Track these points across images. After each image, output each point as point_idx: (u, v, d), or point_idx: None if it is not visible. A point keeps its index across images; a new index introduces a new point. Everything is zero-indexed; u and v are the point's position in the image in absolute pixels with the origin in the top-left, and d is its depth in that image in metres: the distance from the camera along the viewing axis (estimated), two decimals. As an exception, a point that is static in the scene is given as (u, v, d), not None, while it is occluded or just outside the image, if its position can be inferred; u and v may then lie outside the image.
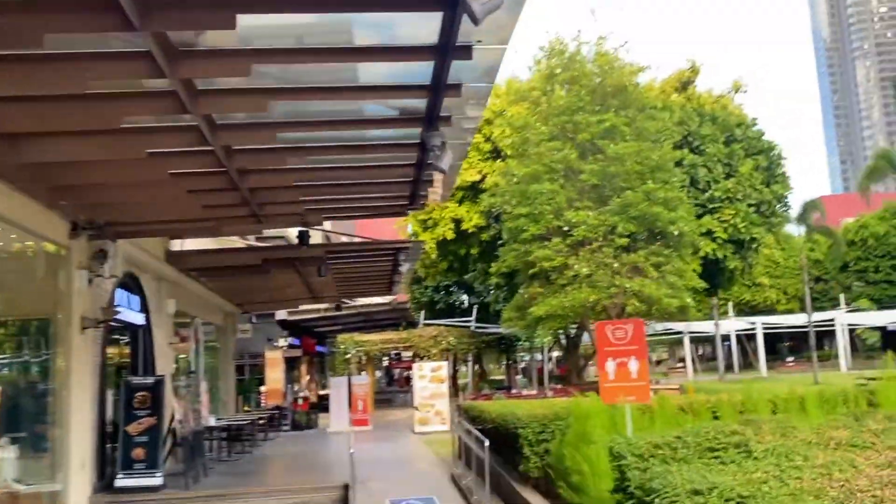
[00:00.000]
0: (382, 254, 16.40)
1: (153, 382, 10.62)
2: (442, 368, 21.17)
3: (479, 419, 11.07)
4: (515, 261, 17.87)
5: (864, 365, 40.81)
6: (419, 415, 20.51)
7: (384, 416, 27.48)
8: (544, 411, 8.41)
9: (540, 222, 16.82)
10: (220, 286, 17.68)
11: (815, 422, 5.59)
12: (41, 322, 9.71)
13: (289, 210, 10.52)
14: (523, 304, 18.03)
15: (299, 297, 20.80)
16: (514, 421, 8.43)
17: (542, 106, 18.64)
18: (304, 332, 32.07)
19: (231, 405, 21.22)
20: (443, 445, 16.31)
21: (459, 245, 29.08)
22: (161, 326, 14.00)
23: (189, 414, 11.42)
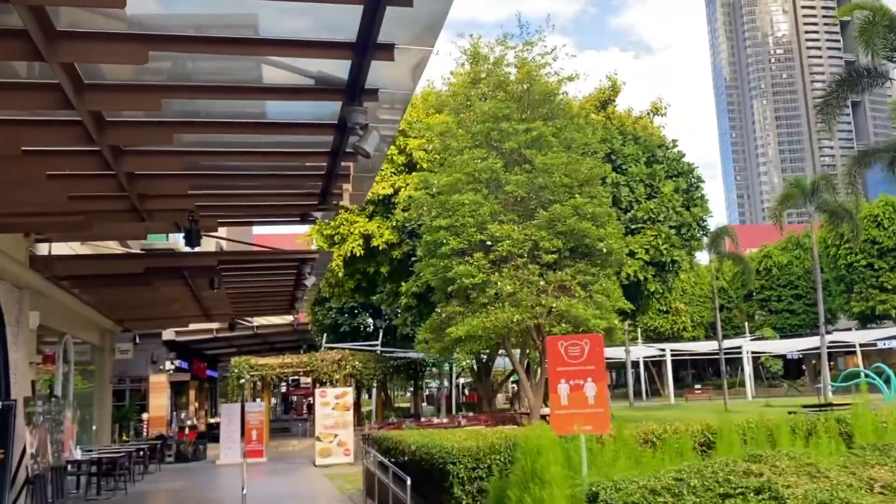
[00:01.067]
0: (285, 266, 14.85)
1: (2, 408, 8.68)
2: (347, 395, 19.63)
3: (394, 451, 9.75)
4: (433, 277, 16.67)
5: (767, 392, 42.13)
6: (320, 445, 18.85)
7: (281, 447, 25.48)
8: (477, 443, 7.23)
9: (461, 235, 15.75)
10: (97, 299, 15.54)
11: (817, 454, 4.72)
12: None
13: (176, 205, 8.95)
14: (440, 325, 16.83)
15: (188, 315, 18.77)
16: (442, 454, 7.20)
17: (465, 113, 17.72)
18: (194, 354, 29.65)
19: (106, 434, 18.80)
20: (347, 480, 14.81)
21: (368, 262, 27.60)
22: (19, 343, 11.86)
23: (47, 447, 9.48)
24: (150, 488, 14.88)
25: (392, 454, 9.70)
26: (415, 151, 26.38)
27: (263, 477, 16.71)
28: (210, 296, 16.62)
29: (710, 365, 58.42)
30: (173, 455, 21.84)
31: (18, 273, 11.52)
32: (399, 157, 26.77)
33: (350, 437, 19.12)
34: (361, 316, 43.51)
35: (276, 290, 17.40)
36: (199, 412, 30.94)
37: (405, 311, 31.09)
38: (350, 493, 12.66)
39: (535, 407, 17.71)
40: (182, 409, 28.33)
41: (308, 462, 19.79)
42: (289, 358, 27.19)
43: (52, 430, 9.89)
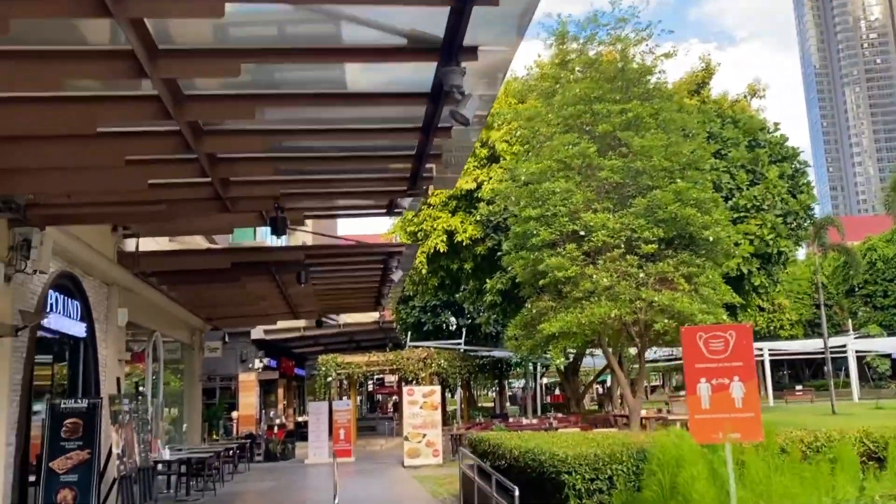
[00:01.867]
0: (371, 260, 14.35)
1: (86, 407, 8.45)
2: (435, 393, 19.05)
3: (491, 455, 9.00)
4: (522, 270, 15.80)
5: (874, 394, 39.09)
6: (409, 445, 18.33)
7: (368, 446, 25.19)
8: (594, 450, 6.38)
9: (552, 226, 14.82)
10: (185, 296, 15.49)
11: None
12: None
13: (261, 192, 8.47)
14: (531, 321, 15.95)
15: (276, 312, 18.63)
16: (554, 462, 6.40)
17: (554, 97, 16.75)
18: (282, 352, 29.84)
19: (196, 433, 18.88)
20: (439, 483, 14.16)
21: (452, 259, 27.02)
22: (109, 340, 11.80)
23: (134, 446, 9.23)
24: (240, 489, 14.69)
25: (490, 458, 8.95)
26: (497, 143, 25.58)
27: (353, 478, 16.30)
28: (297, 292, 16.35)
29: (807, 365, 54.95)
30: (262, 454, 21.84)
31: (106, 269, 11.43)
32: (481, 150, 26.04)
33: (438, 438, 18.51)
34: (444, 314, 42.91)
35: (362, 286, 16.97)
36: (287, 410, 31.15)
37: (489, 308, 30.30)
38: (443, 498, 12.00)
39: (635, 409, 16.60)
40: (270, 407, 28.52)
41: (396, 462, 19.31)
42: (375, 356, 26.89)
43: (139, 430, 9.67)
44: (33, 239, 8.06)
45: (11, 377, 8.26)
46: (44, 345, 9.84)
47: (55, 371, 10.33)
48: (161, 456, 11.71)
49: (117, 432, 8.38)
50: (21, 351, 8.62)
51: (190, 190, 8.21)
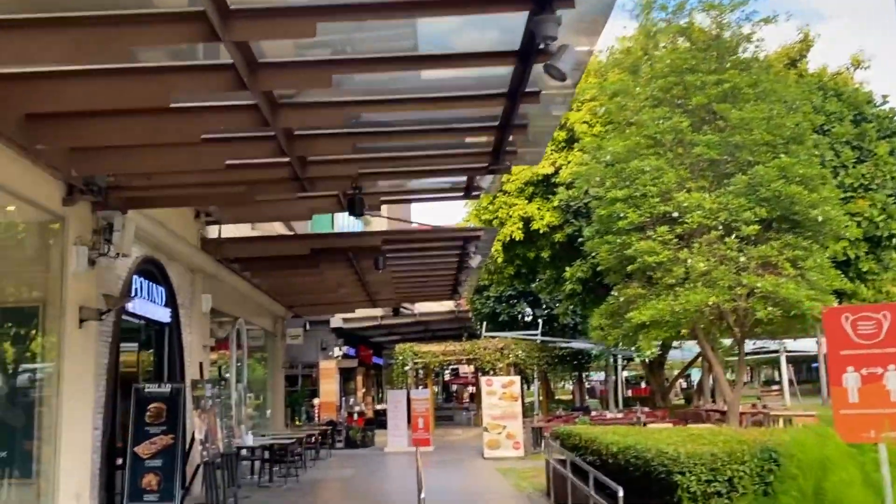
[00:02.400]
0: (448, 246, 13.98)
1: (170, 391, 8.41)
2: (514, 384, 18.58)
3: (584, 450, 8.47)
4: (608, 256, 15.06)
5: None
6: (489, 437, 17.93)
7: (445, 436, 24.97)
8: (711, 448, 5.77)
9: (642, 208, 14.00)
10: (266, 283, 15.54)
11: None
12: (25, 313, 7.59)
13: (339, 172, 8.19)
14: (617, 310, 15.20)
15: (354, 300, 18.56)
16: (663, 460, 5.83)
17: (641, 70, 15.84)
18: (360, 341, 29.98)
19: (280, 419, 19.06)
20: (522, 477, 13.70)
21: (528, 247, 26.35)
22: (193, 325, 11.87)
23: (217, 432, 9.17)
24: (322, 476, 14.65)
25: (581, 453, 8.42)
26: (577, 125, 24.76)
27: (433, 468, 16.03)
28: (374, 279, 16.17)
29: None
30: (343, 441, 21.91)
31: (190, 255, 11.46)
32: (559, 132, 25.24)
33: (519, 429, 18.04)
34: (520, 304, 42.39)
35: (439, 273, 16.65)
36: (366, 398, 31.34)
37: (567, 298, 29.47)
38: (528, 493, 11.54)
39: (734, 403, 15.63)
40: (350, 395, 28.70)
41: (476, 453, 18.96)
42: (451, 345, 26.65)
43: (222, 415, 9.63)
44: (115, 222, 8.03)
45: (97, 361, 8.29)
46: (129, 330, 9.91)
47: (141, 356, 10.41)
48: (244, 442, 11.73)
49: (199, 418, 8.32)
50: (106, 335, 8.65)
51: (268, 170, 8.01)
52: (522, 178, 25.03)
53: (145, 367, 10.50)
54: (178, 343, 11.11)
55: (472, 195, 12.15)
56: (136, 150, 7.08)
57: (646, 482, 6.22)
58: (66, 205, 7.59)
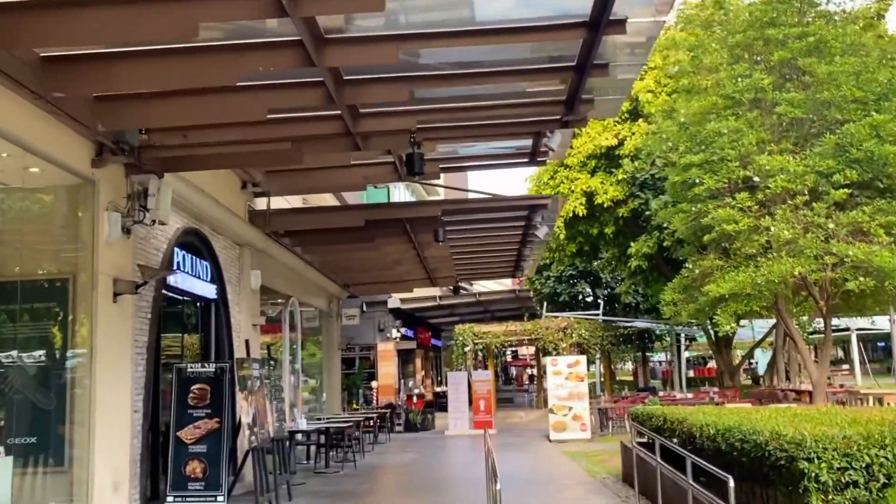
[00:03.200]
0: (512, 217, 13.00)
1: (214, 371, 7.72)
2: (580, 364, 17.51)
3: (671, 433, 7.44)
4: (682, 225, 13.82)
5: None
6: (554, 419, 16.95)
7: (507, 418, 24.08)
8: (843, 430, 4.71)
9: (719, 173, 12.73)
10: (319, 259, 14.86)
11: None
12: (55, 287, 6.97)
13: (395, 124, 7.29)
14: (692, 283, 13.97)
15: (412, 278, 17.77)
16: (782, 445, 4.79)
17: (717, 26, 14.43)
18: (418, 322, 29.32)
19: (336, 402, 18.49)
20: (593, 460, 12.71)
21: (591, 223, 25.14)
22: (242, 303, 11.23)
23: (266, 415, 8.47)
24: (380, 461, 13.95)
25: (666, 436, 7.39)
26: (641, 94, 23.32)
27: (498, 452, 15.07)
28: (433, 255, 15.33)
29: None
30: (402, 424, 21.27)
31: (237, 227, 10.79)
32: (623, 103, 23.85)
33: (586, 411, 17.00)
34: (580, 284, 41.18)
35: (501, 248, 15.71)
36: (425, 381, 30.73)
37: (630, 276, 28.21)
38: (602, 479, 10.54)
39: (820, 382, 14.28)
40: (409, 377, 28.10)
41: (540, 436, 18.02)
42: (512, 325, 25.68)
43: (272, 397, 8.94)
44: (150, 186, 7.33)
45: (134, 339, 7.65)
46: (171, 307, 9.30)
47: (185, 335, 9.80)
48: (298, 426, 11.07)
49: (246, 400, 7.62)
50: (146, 311, 8.01)
51: (316, 124, 7.17)
52: (585, 152, 23.78)
53: (190, 347, 9.89)
54: (225, 321, 10.47)
55: (538, 160, 11.15)
56: (168, 98, 6.32)
57: (754, 470, 5.19)
58: (96, 166, 6.92)
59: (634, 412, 9.60)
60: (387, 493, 10.52)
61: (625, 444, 9.88)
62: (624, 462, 9.98)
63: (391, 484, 11.40)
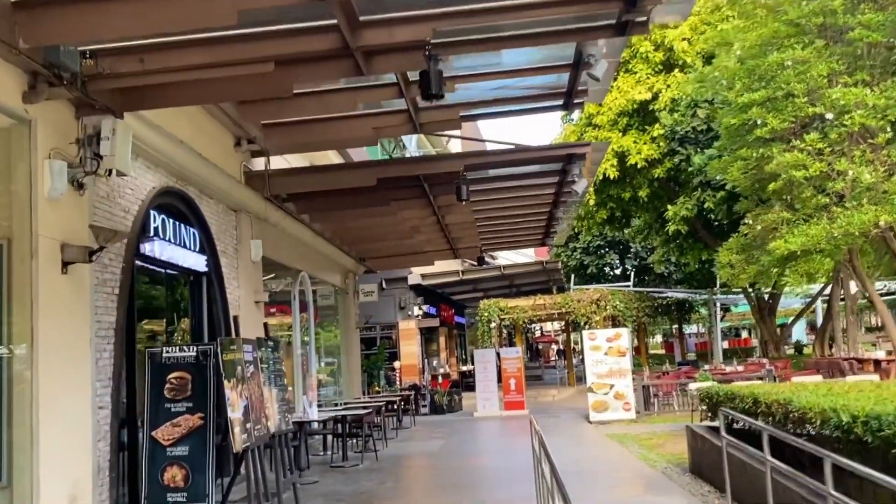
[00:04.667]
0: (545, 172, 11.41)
1: (196, 356, 6.27)
2: (621, 337, 15.93)
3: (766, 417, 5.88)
4: (741, 175, 12.09)
5: None
6: (594, 398, 15.43)
7: (538, 398, 22.61)
8: None
9: (784, 111, 11.01)
10: (329, 228, 13.41)
11: None
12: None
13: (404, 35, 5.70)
14: (752, 243, 12.28)
15: (433, 249, 16.26)
16: None
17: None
18: (441, 299, 27.87)
19: (356, 386, 17.11)
20: (645, 445, 11.21)
21: (623, 187, 23.39)
22: (241, 278, 9.79)
23: (263, 407, 7.03)
24: (406, 450, 12.53)
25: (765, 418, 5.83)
26: (676, 44, 21.46)
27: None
28: (455, 222, 13.80)
29: None
30: (428, 406, 19.89)
31: (230, 190, 9.33)
32: (655, 54, 22.01)
33: (629, 389, 15.45)
34: (609, 255, 39.50)
35: (531, 211, 14.12)
36: (449, 360, 29.34)
37: (664, 244, 26.49)
38: (664, 469, 9.00)
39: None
40: (433, 356, 26.71)
41: (577, 416, 16.54)
42: (541, 299, 24.08)
43: (273, 384, 7.50)
44: (103, 127, 5.85)
45: (96, 320, 6.22)
46: (151, 281, 7.86)
47: (171, 315, 8.37)
48: (308, 415, 9.66)
49: (235, 390, 6.19)
50: (111, 286, 6.58)
51: (305, 39, 5.62)
52: (615, 108, 21.99)
53: (177, 329, 8.47)
54: (220, 298, 9.04)
55: (575, 103, 9.53)
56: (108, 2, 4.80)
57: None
58: (30, 101, 5.44)
59: (705, 392, 8.03)
60: (415, 492, 9.05)
61: (693, 429, 8.33)
62: (692, 449, 8.43)
63: (419, 479, 9.96)
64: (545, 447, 5.34)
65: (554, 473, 4.49)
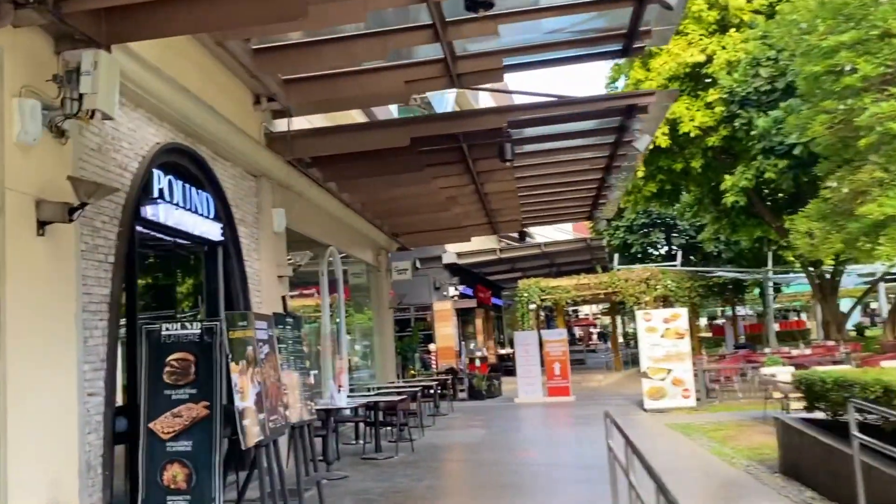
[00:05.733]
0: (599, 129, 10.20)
1: (201, 333, 5.30)
2: (680, 318, 14.63)
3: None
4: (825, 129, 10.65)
5: None
6: (650, 384, 14.22)
7: (583, 383, 21.43)
8: None
9: (879, 54, 9.58)
10: (360, 199, 12.40)
11: None
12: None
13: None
14: (836, 208, 10.87)
15: (471, 223, 15.15)
16: None
17: None
18: (477, 280, 26.78)
19: (390, 369, 16.16)
20: (715, 438, 10.01)
21: (674, 158, 21.92)
22: (262, 249, 8.82)
23: (278, 395, 6.03)
24: (444, 440, 11.52)
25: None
26: (731, 2, 19.91)
27: (584, 426, 12.60)
28: (496, 191, 12.69)
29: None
30: (466, 391, 18.90)
31: (248, 151, 8.33)
32: (709, 13, 20.44)
33: (688, 374, 14.20)
34: (654, 233, 37.84)
35: (579, 179, 12.92)
36: (487, 342, 28.27)
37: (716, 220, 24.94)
38: (746, 467, 7.81)
39: None
40: (469, 339, 25.67)
41: (630, 404, 15.37)
42: (585, 278, 22.86)
43: (294, 367, 6.50)
44: (83, 60, 4.84)
45: (84, 292, 5.27)
46: (158, 250, 6.92)
47: (183, 288, 7.43)
48: (334, 402, 8.66)
49: (245, 374, 5.21)
50: (105, 252, 5.63)
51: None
52: (665, 73, 20.47)
53: (190, 304, 7.54)
54: (238, 271, 8.07)
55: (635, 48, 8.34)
56: None
57: None
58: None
59: (804, 378, 6.80)
60: (457, 493, 7.95)
61: (785, 422, 7.13)
62: (783, 445, 7.23)
63: (461, 477, 8.91)
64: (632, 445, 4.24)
65: (656, 481, 3.39)
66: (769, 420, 10.95)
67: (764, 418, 11.04)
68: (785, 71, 16.77)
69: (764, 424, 10.82)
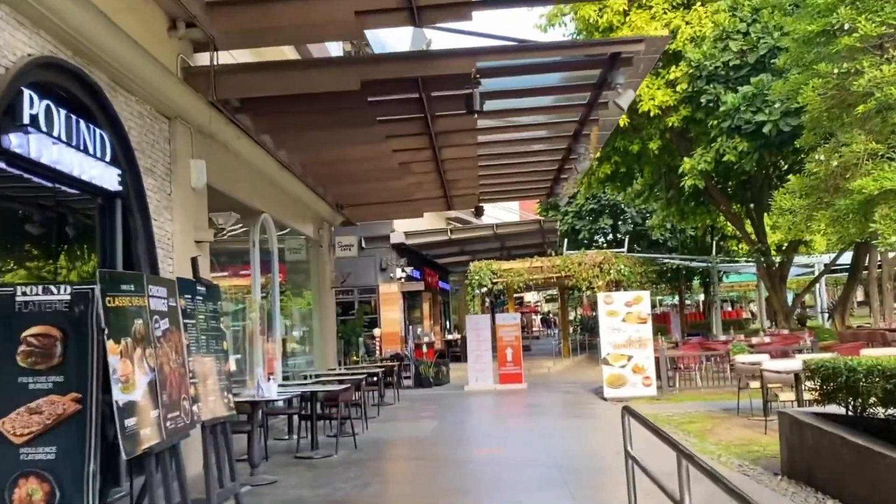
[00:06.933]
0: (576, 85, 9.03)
1: (70, 301, 3.86)
2: (643, 301, 13.70)
3: None
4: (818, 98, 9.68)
5: None
6: (610, 371, 13.23)
7: (532, 370, 20.38)
8: None
9: (881, 12, 8.65)
10: (301, 159, 10.91)
11: None
12: None
13: None
14: (822, 183, 9.94)
15: (424, 196, 13.86)
16: None
17: None
18: (425, 262, 25.52)
19: (330, 355, 14.72)
20: (690, 431, 9.05)
21: (631, 138, 21.06)
22: (175, 208, 7.30)
23: (181, 385, 4.61)
24: (390, 434, 10.20)
25: None
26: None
27: (543, 417, 11.50)
28: (454, 157, 11.40)
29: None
30: (412, 378, 17.66)
31: (161, 85, 6.82)
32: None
33: (650, 361, 13.28)
34: (602, 220, 37.33)
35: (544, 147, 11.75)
36: (434, 328, 27.08)
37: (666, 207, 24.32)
38: (738, 467, 6.76)
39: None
40: (416, 324, 24.39)
41: (586, 392, 14.43)
42: (538, 261, 21.83)
43: (207, 350, 5.07)
44: None
45: None
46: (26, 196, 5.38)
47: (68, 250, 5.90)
48: (263, 394, 7.23)
49: (128, 357, 3.79)
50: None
51: None
52: (626, 47, 19.60)
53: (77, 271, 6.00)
54: (143, 231, 6.55)
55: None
56: None
57: None
58: None
59: (820, 366, 5.76)
60: (407, 499, 6.67)
61: (794, 417, 6.08)
62: (790, 444, 6.18)
63: (412, 479, 7.60)
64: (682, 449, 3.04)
65: None
66: (745, 412, 10.10)
67: (738, 410, 10.16)
68: (756, 45, 15.98)
69: (740, 417, 9.95)
